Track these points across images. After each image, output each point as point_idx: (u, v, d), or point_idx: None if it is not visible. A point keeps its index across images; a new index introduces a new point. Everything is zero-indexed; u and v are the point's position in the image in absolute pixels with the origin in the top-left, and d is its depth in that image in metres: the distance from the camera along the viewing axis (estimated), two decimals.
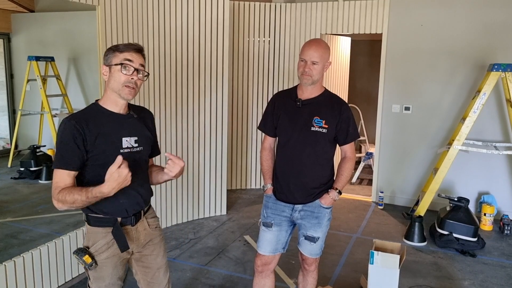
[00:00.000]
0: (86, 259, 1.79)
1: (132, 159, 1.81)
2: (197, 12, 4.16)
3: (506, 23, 4.54)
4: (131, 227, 1.90)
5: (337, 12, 5.22)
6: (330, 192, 2.35)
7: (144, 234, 1.96)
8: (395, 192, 5.26)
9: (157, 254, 2.03)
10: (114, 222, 1.83)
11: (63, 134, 1.72)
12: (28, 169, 4.29)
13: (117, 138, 1.81)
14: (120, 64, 1.74)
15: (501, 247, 4.06)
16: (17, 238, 3.45)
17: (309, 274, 2.53)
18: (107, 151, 1.77)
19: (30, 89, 4.27)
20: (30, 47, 4.32)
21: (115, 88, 1.77)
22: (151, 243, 2.00)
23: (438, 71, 4.87)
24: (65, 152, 1.71)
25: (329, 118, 2.28)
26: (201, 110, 4.34)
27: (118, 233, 1.83)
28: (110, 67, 1.76)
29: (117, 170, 1.61)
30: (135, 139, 1.87)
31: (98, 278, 1.86)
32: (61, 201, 1.69)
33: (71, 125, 1.71)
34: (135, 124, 1.89)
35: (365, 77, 7.61)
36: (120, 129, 1.82)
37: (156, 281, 2.03)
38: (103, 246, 1.84)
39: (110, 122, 1.80)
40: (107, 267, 1.86)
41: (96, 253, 1.83)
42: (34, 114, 4.36)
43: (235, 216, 4.69)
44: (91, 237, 1.85)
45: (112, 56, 1.76)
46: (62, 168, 1.72)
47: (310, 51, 2.21)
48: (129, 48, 1.78)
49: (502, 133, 4.70)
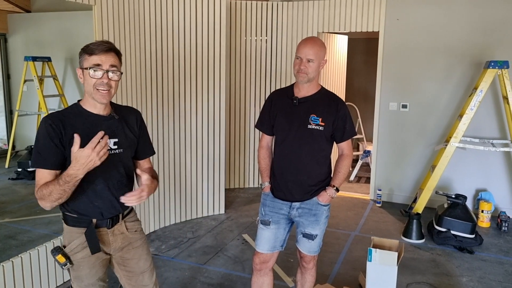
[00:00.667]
0: (59, 258, 1.79)
1: (110, 162, 1.76)
2: (193, 12, 4.16)
3: (502, 20, 4.55)
4: (107, 230, 1.87)
5: (333, 10, 5.22)
6: (328, 190, 2.35)
7: (121, 237, 1.92)
8: (393, 189, 5.27)
9: (139, 258, 1.98)
10: (89, 224, 1.81)
11: (40, 133, 1.71)
12: (25, 169, 4.28)
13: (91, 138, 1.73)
14: (90, 68, 1.71)
15: (499, 243, 4.08)
16: (15, 238, 3.45)
17: (308, 272, 2.53)
18: None
19: (27, 90, 4.26)
20: (26, 48, 4.31)
21: (88, 92, 1.75)
22: (130, 247, 1.96)
23: (435, 68, 4.88)
24: (42, 150, 1.70)
25: (326, 116, 2.28)
26: (198, 109, 4.34)
27: (90, 235, 1.80)
28: (83, 70, 1.74)
29: (78, 150, 1.58)
30: (114, 141, 1.82)
31: (77, 278, 1.86)
32: (41, 198, 1.67)
33: (48, 124, 1.70)
34: (116, 125, 1.84)
35: (362, 75, 7.62)
36: (98, 131, 1.68)
37: (140, 284, 2.00)
38: (78, 246, 1.82)
39: (87, 123, 1.76)
40: (83, 267, 1.84)
41: (71, 252, 1.82)
42: (31, 114, 4.35)
43: (233, 215, 4.69)
44: (67, 236, 1.84)
45: (83, 59, 1.73)
46: (41, 167, 1.70)
47: (306, 48, 2.22)
48: (99, 49, 1.72)
49: (499, 130, 4.71)
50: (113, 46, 1.77)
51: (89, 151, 1.58)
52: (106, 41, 1.77)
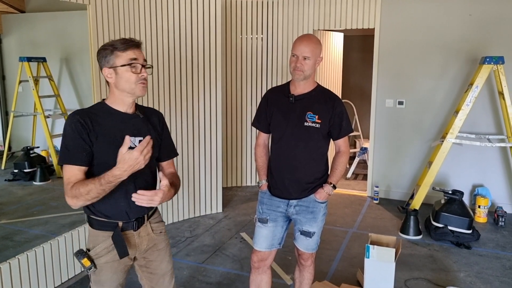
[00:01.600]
0: (85, 262, 1.76)
1: None
2: (189, 10, 4.15)
3: (498, 16, 4.56)
4: (133, 232, 1.84)
5: (329, 8, 5.22)
6: (325, 187, 2.36)
7: (147, 239, 1.90)
8: (390, 186, 5.28)
9: (161, 260, 1.97)
10: (115, 227, 1.79)
11: (68, 129, 1.68)
12: (22, 170, 4.26)
13: (120, 136, 1.71)
14: (128, 65, 1.70)
15: (496, 238, 4.09)
16: (12, 240, 3.43)
17: (306, 270, 2.54)
18: (109, 150, 1.70)
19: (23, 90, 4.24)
20: (21, 48, 4.28)
21: (126, 89, 1.73)
22: (155, 249, 1.94)
23: (430, 65, 4.89)
24: (71, 147, 1.67)
25: (322, 113, 2.28)
26: (195, 108, 4.34)
27: (118, 238, 1.78)
28: (115, 69, 1.70)
29: (127, 152, 1.58)
30: (139, 139, 1.79)
31: (97, 282, 1.84)
32: (75, 196, 1.64)
33: (76, 120, 1.68)
34: (141, 124, 1.83)
35: (358, 72, 7.62)
36: (124, 128, 1.75)
37: (161, 286, 1.99)
38: (103, 250, 1.80)
39: (114, 120, 1.76)
40: (106, 272, 1.82)
41: (95, 256, 1.79)
42: (27, 115, 4.33)
43: (231, 213, 4.69)
44: (92, 240, 1.81)
45: (113, 57, 1.70)
46: (71, 164, 1.67)
47: (301, 46, 2.22)
48: (130, 45, 1.71)
49: (495, 125, 4.73)
50: (140, 42, 1.79)
51: (137, 154, 1.58)
52: (131, 38, 1.76)
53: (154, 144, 1.82)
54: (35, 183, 4.23)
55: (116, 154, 1.62)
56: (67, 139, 1.68)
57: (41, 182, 4.24)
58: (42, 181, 4.24)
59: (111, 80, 1.74)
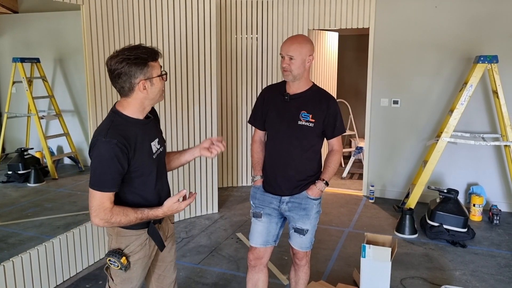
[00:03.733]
0: (123, 261, 1.79)
1: (159, 161, 1.88)
2: (183, 10, 4.14)
3: (491, 15, 4.58)
4: (159, 225, 1.92)
5: (324, 8, 5.22)
6: (317, 183, 2.37)
7: (167, 229, 2.00)
8: (386, 185, 5.30)
9: (171, 247, 2.07)
10: (148, 223, 1.84)
11: (106, 155, 1.66)
12: (16, 172, 4.23)
13: (147, 145, 1.81)
14: (161, 75, 1.77)
15: (491, 236, 4.11)
16: (6, 242, 3.41)
17: (301, 269, 2.54)
18: (144, 161, 1.78)
19: (16, 91, 4.21)
20: (14, 49, 4.26)
21: (156, 97, 1.78)
22: (169, 237, 2.05)
23: (425, 64, 4.91)
24: (109, 173, 1.67)
25: (316, 112, 2.30)
26: (189, 108, 4.32)
27: (154, 232, 1.85)
28: (151, 80, 1.73)
29: (177, 203, 1.80)
30: (157, 140, 1.88)
31: (126, 280, 1.86)
32: (111, 222, 1.70)
33: (114, 145, 1.65)
34: (154, 126, 1.90)
35: (353, 71, 7.64)
36: (146, 135, 1.81)
37: (167, 274, 2.06)
38: (138, 247, 1.84)
39: (138, 130, 1.77)
40: (138, 268, 1.86)
41: (130, 254, 1.83)
42: (20, 116, 4.30)
43: (227, 214, 4.68)
44: (124, 239, 1.82)
45: (150, 68, 1.71)
46: (109, 191, 1.69)
47: (285, 46, 2.24)
48: (156, 54, 1.75)
49: (489, 124, 4.75)
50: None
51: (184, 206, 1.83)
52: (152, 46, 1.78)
53: (163, 139, 1.97)
54: (29, 184, 4.20)
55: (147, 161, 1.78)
56: (105, 167, 1.67)
57: (35, 184, 4.21)
58: (36, 182, 4.21)
59: (144, 92, 1.72)
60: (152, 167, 1.82)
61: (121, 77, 1.68)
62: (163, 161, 1.93)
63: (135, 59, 1.67)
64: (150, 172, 1.81)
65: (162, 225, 1.95)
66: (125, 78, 1.68)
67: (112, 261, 1.78)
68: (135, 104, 1.75)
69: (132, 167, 1.73)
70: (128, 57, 1.67)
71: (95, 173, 1.68)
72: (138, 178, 1.77)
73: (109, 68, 1.70)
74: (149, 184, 1.82)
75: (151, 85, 1.73)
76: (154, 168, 1.83)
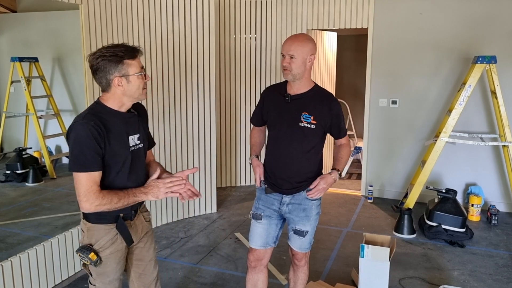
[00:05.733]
0: (92, 257, 1.82)
1: (137, 156, 1.89)
2: (182, 10, 4.13)
3: (490, 15, 4.58)
4: (130, 222, 1.94)
5: (322, 8, 5.23)
6: (332, 173, 2.33)
7: (141, 227, 2.01)
8: (384, 185, 5.30)
9: (149, 246, 2.07)
10: (117, 218, 1.86)
11: (83, 135, 1.70)
12: (14, 172, 4.22)
13: (125, 136, 1.84)
14: (139, 73, 1.79)
15: (489, 237, 4.12)
16: (4, 242, 3.40)
17: (300, 270, 2.54)
18: (119, 151, 1.81)
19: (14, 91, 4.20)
20: (13, 48, 4.25)
21: (135, 95, 1.82)
22: (145, 236, 2.05)
23: (424, 64, 4.91)
24: (89, 153, 1.70)
25: (318, 114, 2.27)
26: (188, 108, 4.32)
27: (122, 228, 1.87)
28: (127, 77, 1.76)
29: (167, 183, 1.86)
30: (137, 136, 1.91)
31: (102, 274, 1.89)
32: (103, 204, 1.73)
33: (91, 126, 1.70)
34: (137, 121, 1.93)
35: (352, 71, 7.64)
36: (126, 128, 1.85)
37: (147, 273, 2.07)
38: (107, 242, 1.86)
39: (119, 122, 1.83)
40: (111, 263, 1.89)
41: (100, 249, 1.85)
42: (19, 116, 4.29)
43: (226, 213, 4.68)
44: (94, 234, 1.86)
45: (125, 66, 1.75)
46: (92, 171, 1.72)
47: (286, 45, 2.23)
48: (138, 52, 1.79)
49: (487, 124, 4.76)
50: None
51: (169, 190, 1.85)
52: (132, 45, 1.81)
53: (146, 137, 2.01)
54: (27, 184, 4.19)
55: (124, 154, 1.81)
56: (82, 146, 1.70)
57: (33, 184, 4.20)
58: (34, 182, 4.20)
59: (120, 89, 1.77)
60: (126, 159, 1.84)
61: (97, 73, 1.76)
62: (141, 158, 1.95)
63: (110, 56, 1.73)
64: (124, 163, 1.83)
65: (135, 222, 1.96)
66: (102, 74, 1.75)
67: (82, 256, 1.82)
68: (114, 99, 1.81)
69: (107, 154, 1.76)
70: (104, 54, 1.74)
71: (74, 154, 1.72)
72: (110, 167, 1.79)
73: (89, 64, 1.77)
74: (122, 175, 1.84)
75: (127, 82, 1.77)
76: (128, 161, 1.85)
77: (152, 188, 1.84)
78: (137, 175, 1.92)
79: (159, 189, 1.84)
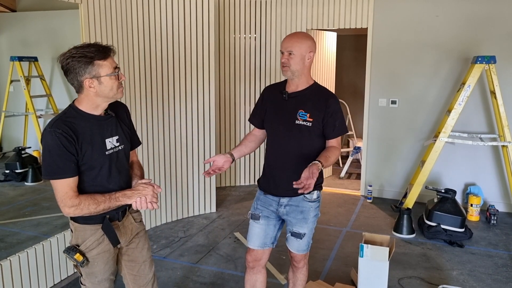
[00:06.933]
0: (77, 257, 1.81)
1: (116, 159, 1.87)
2: (181, 9, 4.13)
3: (489, 15, 4.59)
4: (118, 223, 1.92)
5: (322, 8, 5.23)
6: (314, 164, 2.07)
7: (131, 228, 1.99)
8: (384, 185, 5.30)
9: (142, 247, 2.05)
10: (103, 219, 1.84)
11: (52, 144, 1.67)
12: (13, 171, 4.22)
13: (101, 140, 1.81)
14: (112, 74, 1.73)
15: (488, 236, 4.12)
16: (4, 241, 3.40)
17: (299, 271, 2.53)
18: (93, 155, 1.77)
19: (14, 90, 4.20)
20: (12, 47, 4.24)
21: (109, 95, 1.76)
22: (137, 237, 2.03)
23: (423, 64, 4.92)
24: (60, 161, 1.68)
25: (314, 112, 2.24)
26: (188, 108, 4.32)
27: (108, 228, 1.85)
28: (98, 79, 1.71)
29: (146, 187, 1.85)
30: (116, 138, 1.88)
31: (90, 274, 1.88)
32: (84, 208, 1.72)
33: (59, 134, 1.67)
34: (115, 123, 1.89)
35: (351, 71, 7.65)
36: (102, 131, 1.82)
37: (142, 274, 2.05)
38: (94, 243, 1.85)
39: (92, 126, 1.78)
40: (98, 263, 1.87)
41: (86, 250, 1.84)
42: (18, 115, 4.29)
43: (225, 213, 4.68)
44: (80, 235, 1.85)
45: (95, 67, 1.69)
46: (65, 177, 1.70)
47: (285, 41, 2.23)
48: (110, 52, 1.74)
49: (487, 124, 4.76)
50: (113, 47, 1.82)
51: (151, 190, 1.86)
52: (104, 44, 1.75)
53: (127, 137, 1.97)
54: (26, 183, 4.20)
55: (100, 158, 1.78)
56: (53, 155, 1.68)
57: (32, 183, 4.20)
58: (33, 181, 4.21)
59: (92, 90, 1.72)
60: (103, 162, 1.81)
61: (68, 74, 1.71)
62: (121, 160, 1.91)
63: (79, 57, 1.67)
64: (101, 167, 1.80)
65: (123, 223, 1.94)
66: (72, 75, 1.70)
67: (68, 257, 1.82)
68: (87, 100, 1.77)
69: (81, 160, 1.74)
70: (73, 54, 1.67)
71: (46, 162, 1.70)
72: (87, 171, 1.77)
73: (60, 64, 1.72)
74: (100, 179, 1.81)
75: (99, 84, 1.71)
76: (106, 164, 1.81)
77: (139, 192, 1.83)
78: (120, 177, 1.89)
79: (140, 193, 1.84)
